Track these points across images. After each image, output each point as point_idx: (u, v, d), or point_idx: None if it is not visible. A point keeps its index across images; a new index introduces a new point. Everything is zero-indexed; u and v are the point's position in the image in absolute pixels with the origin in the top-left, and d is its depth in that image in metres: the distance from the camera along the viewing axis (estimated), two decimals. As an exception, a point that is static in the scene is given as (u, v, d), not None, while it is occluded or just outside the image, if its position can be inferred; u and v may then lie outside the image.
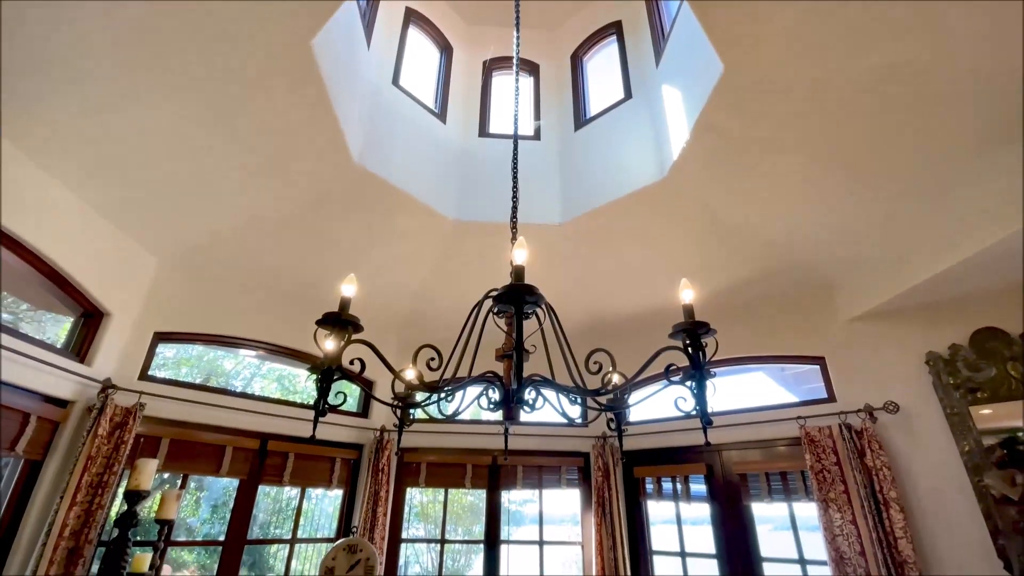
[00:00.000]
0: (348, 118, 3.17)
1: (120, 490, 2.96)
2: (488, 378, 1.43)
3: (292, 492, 8.07)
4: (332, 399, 1.46)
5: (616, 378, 1.71)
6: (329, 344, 1.44)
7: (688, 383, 1.42)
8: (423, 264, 4.14)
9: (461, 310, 1.80)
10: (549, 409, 1.44)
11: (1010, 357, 3.06)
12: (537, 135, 4.49)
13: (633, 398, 1.97)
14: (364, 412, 4.56)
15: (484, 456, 4.52)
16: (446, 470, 4.51)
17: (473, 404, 1.52)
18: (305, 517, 7.67)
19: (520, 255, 1.40)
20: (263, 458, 3.81)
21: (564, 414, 1.47)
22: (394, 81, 4.07)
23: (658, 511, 4.44)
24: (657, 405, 4.38)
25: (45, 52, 2.23)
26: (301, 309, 4.18)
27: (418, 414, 2.29)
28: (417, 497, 9.68)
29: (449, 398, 1.60)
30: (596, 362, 1.62)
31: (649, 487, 4.43)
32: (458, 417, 1.56)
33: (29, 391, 2.72)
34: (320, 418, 1.39)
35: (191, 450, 3.48)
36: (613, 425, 1.80)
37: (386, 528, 4.04)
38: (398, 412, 1.80)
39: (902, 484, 3.21)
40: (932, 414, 3.25)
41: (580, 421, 4.71)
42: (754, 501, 3.85)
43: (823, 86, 2.50)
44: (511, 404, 1.35)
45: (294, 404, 4.24)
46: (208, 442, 3.56)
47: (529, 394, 1.35)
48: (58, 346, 3.03)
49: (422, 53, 4.61)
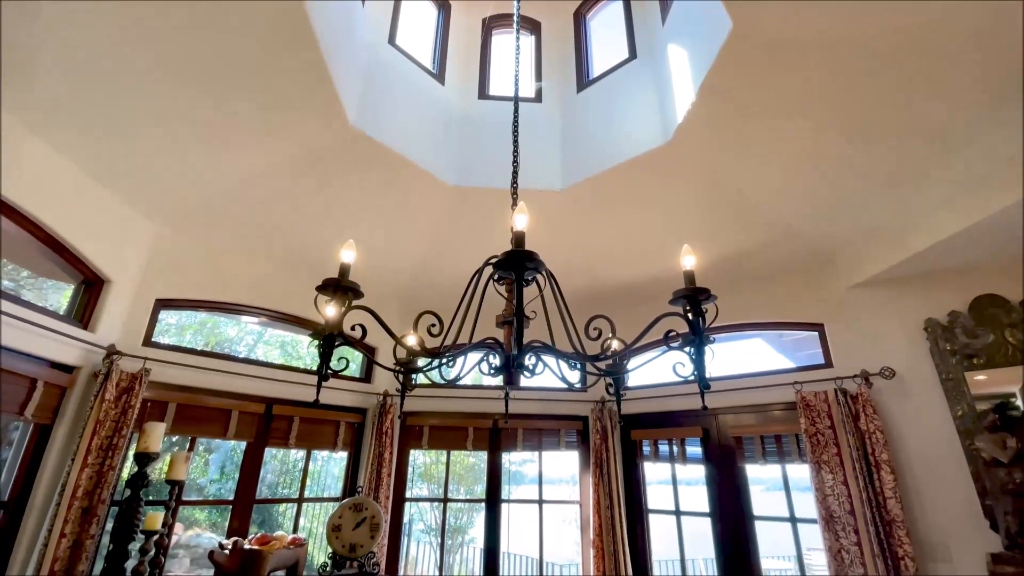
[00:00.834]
0: (343, 79, 3.07)
1: (130, 452, 3.03)
2: (489, 344, 1.44)
3: (299, 454, 8.30)
4: (335, 364, 1.47)
5: (615, 344, 1.72)
6: (330, 310, 1.44)
7: (687, 349, 1.43)
8: (423, 231, 4.11)
9: (461, 276, 1.79)
10: (549, 374, 1.46)
11: (1009, 323, 3.08)
12: (538, 97, 4.37)
13: (632, 363, 1.98)
14: (367, 377, 4.63)
15: (485, 419, 4.61)
16: (448, 433, 4.60)
17: (474, 369, 1.53)
18: (312, 478, 7.91)
19: (521, 221, 1.39)
20: (269, 421, 3.89)
21: (564, 379, 1.49)
22: (390, 40, 3.92)
23: (654, 472, 4.57)
24: (655, 370, 4.44)
25: (38, 22, 2.16)
26: (303, 276, 4.19)
27: (420, 379, 2.31)
28: (420, 458, 9.96)
29: (450, 364, 1.61)
30: (596, 328, 1.62)
31: (646, 449, 4.54)
32: (459, 382, 1.58)
33: (35, 357, 2.76)
34: (323, 383, 1.41)
35: (198, 414, 3.56)
36: (612, 390, 1.83)
37: (390, 488, 4.16)
38: (400, 377, 1.82)
39: (894, 447, 3.28)
40: (927, 379, 3.30)
41: (579, 386, 4.78)
42: (748, 463, 3.96)
43: (832, 47, 2.41)
44: (511, 369, 1.36)
45: (298, 370, 4.30)
46: (214, 406, 3.63)
47: (529, 360, 1.36)
48: (60, 313, 3.04)
49: (419, 10, 4.44)
